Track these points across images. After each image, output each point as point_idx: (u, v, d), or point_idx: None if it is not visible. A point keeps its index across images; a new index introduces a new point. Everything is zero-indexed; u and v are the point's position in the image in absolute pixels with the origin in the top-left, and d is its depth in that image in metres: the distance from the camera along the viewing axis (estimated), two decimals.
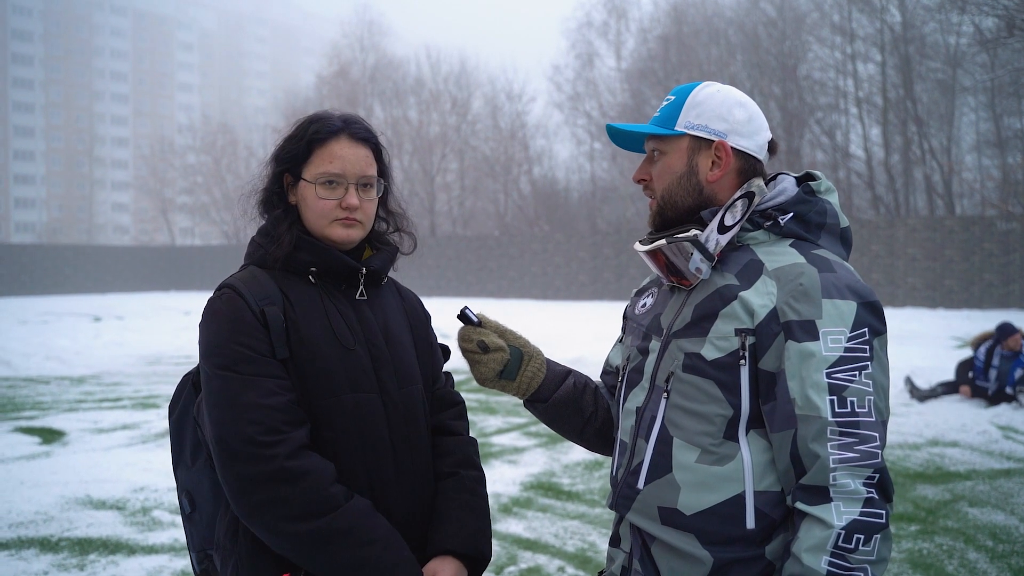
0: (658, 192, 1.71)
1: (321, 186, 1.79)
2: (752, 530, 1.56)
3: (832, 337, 1.51)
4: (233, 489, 1.63)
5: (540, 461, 6.94)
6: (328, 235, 1.80)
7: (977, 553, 4.78)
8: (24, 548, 4.84)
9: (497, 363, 1.84)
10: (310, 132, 1.81)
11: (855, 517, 1.46)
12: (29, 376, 12.22)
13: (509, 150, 41.26)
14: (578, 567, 4.56)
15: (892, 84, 29.24)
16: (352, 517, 1.65)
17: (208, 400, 1.68)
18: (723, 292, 1.62)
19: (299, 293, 1.78)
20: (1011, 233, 22.30)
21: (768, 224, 1.65)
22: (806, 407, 1.51)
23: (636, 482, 1.67)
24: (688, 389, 1.61)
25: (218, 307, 1.73)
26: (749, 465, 1.57)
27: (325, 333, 1.75)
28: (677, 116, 1.69)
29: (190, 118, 71.88)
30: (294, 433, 1.66)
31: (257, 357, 1.68)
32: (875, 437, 1.50)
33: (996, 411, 8.95)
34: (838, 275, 1.57)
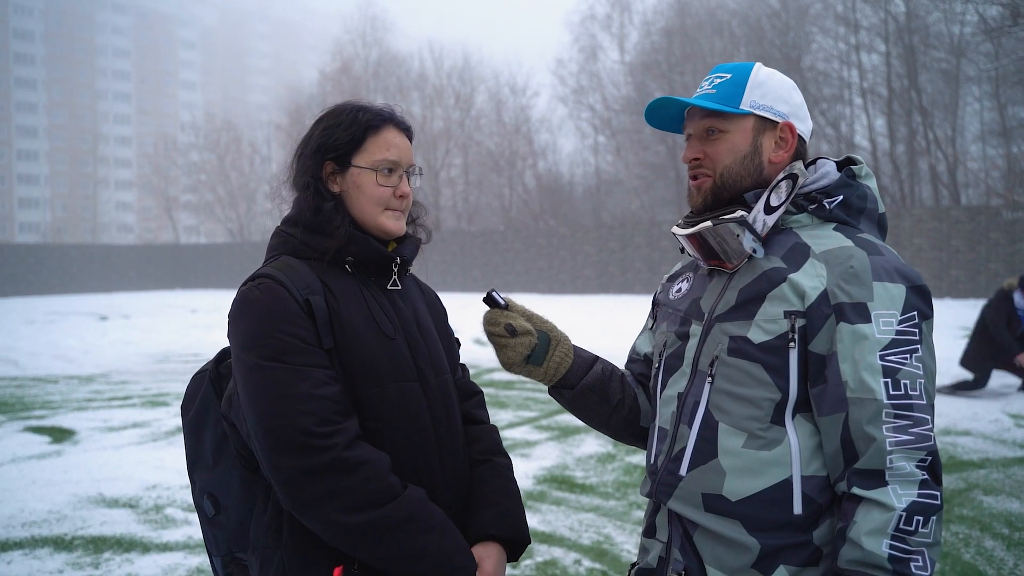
0: (718, 170, 1.67)
1: (381, 173, 1.78)
2: (799, 515, 1.54)
3: (884, 320, 1.51)
4: (285, 482, 1.59)
5: (552, 454, 6.93)
6: (381, 225, 1.79)
7: (993, 541, 4.76)
8: (38, 547, 4.84)
9: (525, 347, 1.80)
10: (363, 119, 1.79)
11: (914, 499, 1.45)
12: (37, 376, 12.23)
13: (513, 144, 41.22)
14: (594, 559, 4.55)
15: (896, 74, 29.14)
16: (411, 506, 1.64)
17: (253, 393, 1.63)
18: (770, 275, 1.60)
19: (338, 283, 1.75)
20: (1017, 222, 22.21)
21: (812, 207, 1.64)
22: (859, 390, 1.49)
23: (678, 469, 1.64)
24: (734, 373, 1.59)
25: (256, 296, 1.68)
26: (796, 450, 1.55)
27: (367, 322, 1.74)
28: (741, 94, 1.66)
29: (193, 116, 71.94)
30: (348, 423, 1.64)
31: (306, 347, 1.64)
32: (927, 420, 1.49)
33: (1008, 398, 8.92)
34: (886, 258, 1.56)
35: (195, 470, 1.88)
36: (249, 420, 1.64)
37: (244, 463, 1.79)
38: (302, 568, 1.67)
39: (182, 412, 1.88)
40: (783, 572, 1.54)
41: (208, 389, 1.84)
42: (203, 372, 1.87)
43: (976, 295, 22.66)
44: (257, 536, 1.75)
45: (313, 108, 47.26)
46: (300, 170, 1.83)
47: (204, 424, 1.84)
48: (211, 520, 1.86)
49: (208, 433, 1.84)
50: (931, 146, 28.62)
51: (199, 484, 1.87)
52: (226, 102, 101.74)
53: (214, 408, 1.82)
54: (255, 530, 1.77)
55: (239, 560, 1.86)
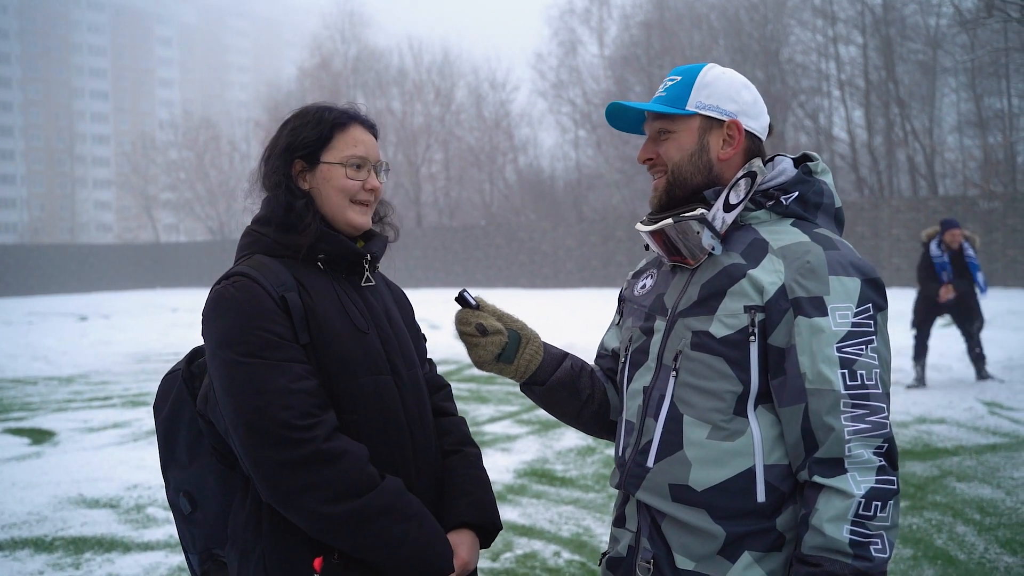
0: (668, 168, 1.73)
1: (350, 167, 1.83)
2: (763, 503, 1.60)
3: (840, 313, 1.56)
4: (266, 475, 1.63)
5: (533, 448, 6.97)
6: (348, 219, 1.83)
7: (965, 526, 4.85)
8: (18, 549, 4.83)
9: (495, 346, 1.85)
10: (330, 118, 1.84)
11: (872, 485, 1.50)
12: (16, 377, 12.15)
13: (494, 139, 41.21)
14: (574, 551, 4.59)
15: (874, 66, 29.35)
16: (389, 495, 1.68)
17: (231, 389, 1.65)
18: (730, 271, 1.65)
19: (312, 280, 1.79)
20: (993, 212, 22.45)
21: (770, 204, 1.70)
22: (817, 381, 1.54)
23: (646, 460, 1.69)
24: (697, 367, 1.64)
25: (231, 294, 1.71)
26: (759, 440, 1.60)
27: (341, 318, 1.78)
28: (687, 96, 1.71)
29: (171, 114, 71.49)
30: (326, 416, 1.68)
31: (283, 343, 1.68)
32: (883, 408, 1.55)
33: (982, 386, 9.05)
34: (842, 253, 1.62)
35: (169, 469, 1.89)
36: (228, 416, 1.67)
37: (221, 460, 1.81)
38: (283, 560, 1.70)
39: (154, 412, 1.90)
40: (747, 558, 1.60)
41: (181, 388, 1.85)
42: (175, 371, 1.89)
43: None
44: (236, 531, 1.78)
45: (292, 104, 46.45)
46: (269, 171, 1.86)
47: (178, 423, 1.86)
48: (187, 518, 1.87)
49: (182, 432, 1.85)
50: (908, 137, 28.86)
51: (173, 483, 1.88)
52: (205, 99, 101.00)
53: (188, 407, 1.84)
54: (233, 525, 1.79)
55: (216, 556, 1.88)
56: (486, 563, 4.43)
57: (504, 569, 4.36)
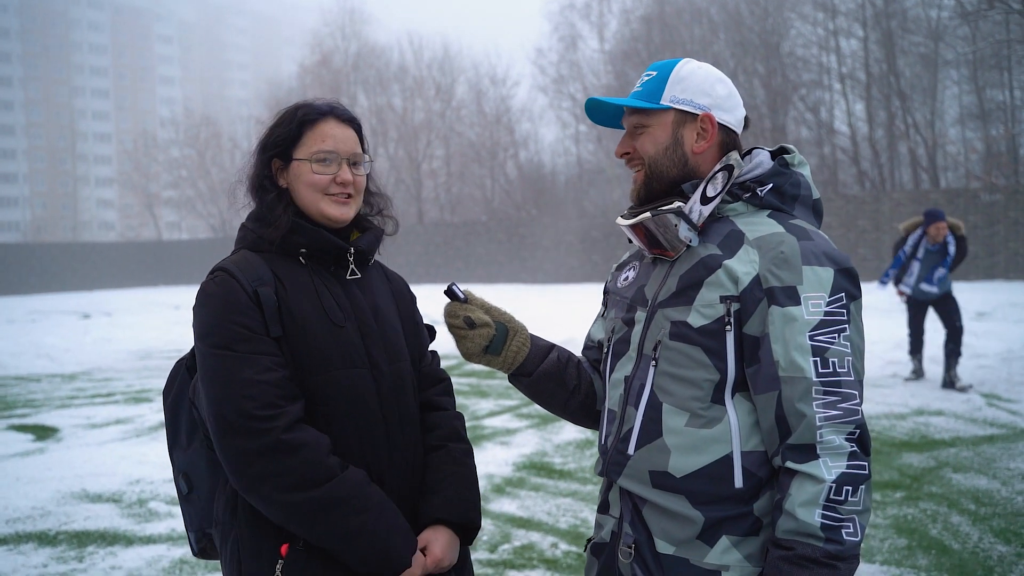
0: (645, 161, 1.76)
1: (316, 163, 1.85)
2: (740, 489, 1.63)
3: (813, 302, 1.59)
4: (231, 463, 1.69)
5: (532, 442, 7.02)
6: (323, 211, 1.86)
7: (960, 516, 4.88)
8: (22, 543, 4.88)
9: (483, 338, 1.89)
10: (299, 115, 1.88)
11: (843, 471, 1.54)
12: (20, 375, 12.21)
13: (494, 135, 41.19)
14: (571, 543, 4.64)
15: (875, 59, 29.31)
16: (348, 486, 1.71)
17: (204, 379, 1.74)
18: (707, 261, 1.68)
19: (290, 274, 1.83)
20: (995, 204, 22.45)
21: (747, 196, 1.73)
22: (790, 369, 1.58)
23: (627, 448, 1.73)
24: (676, 356, 1.68)
25: (212, 289, 1.78)
26: (736, 427, 1.64)
27: (316, 311, 1.81)
28: (662, 91, 1.75)
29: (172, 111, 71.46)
30: (290, 407, 1.71)
31: (252, 336, 1.73)
32: (855, 395, 1.58)
33: (981, 378, 9.07)
34: (816, 243, 1.65)
35: (173, 450, 1.98)
36: (204, 404, 1.75)
37: (210, 445, 1.87)
38: (254, 544, 1.75)
39: (163, 397, 1.99)
40: (725, 542, 1.63)
41: (184, 375, 1.94)
42: (182, 360, 1.97)
43: (955, 277, 22.83)
44: (218, 513, 1.86)
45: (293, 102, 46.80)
46: (251, 169, 1.93)
47: (180, 408, 1.95)
48: (185, 498, 1.96)
49: (183, 416, 1.94)
50: (910, 130, 28.83)
51: (176, 464, 1.97)
52: (205, 97, 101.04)
53: (188, 393, 1.93)
54: (216, 507, 1.87)
55: (209, 535, 1.96)
56: (484, 554, 4.48)
57: (502, 560, 4.40)
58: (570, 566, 4.31)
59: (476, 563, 4.35)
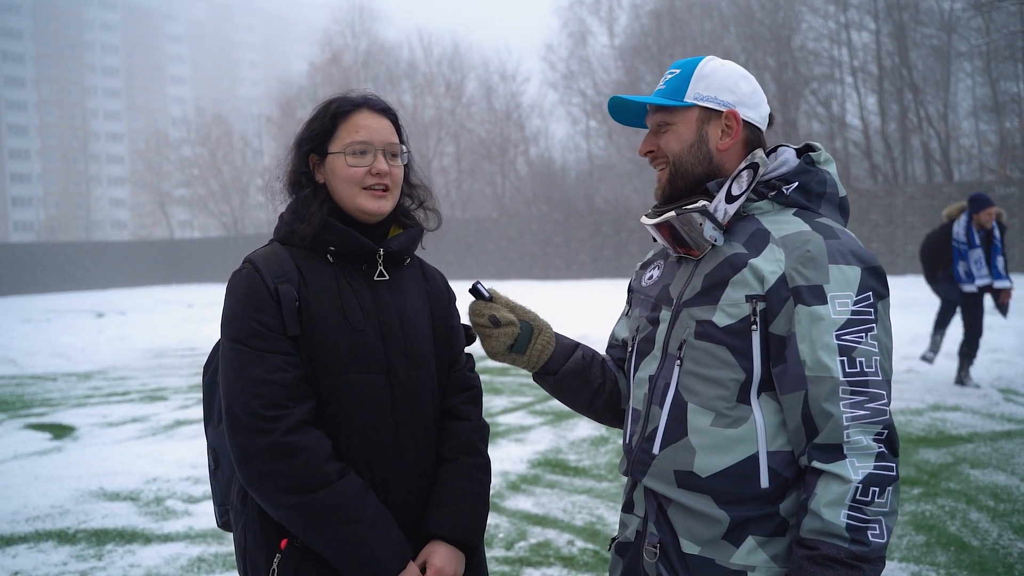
0: (670, 159, 1.75)
1: (351, 155, 1.83)
2: (766, 489, 1.63)
3: (839, 301, 1.58)
4: (236, 457, 1.73)
5: (547, 439, 7.02)
6: (359, 205, 1.84)
7: (979, 513, 4.86)
8: (42, 541, 4.91)
9: (508, 337, 1.89)
10: (332, 108, 1.87)
11: (870, 471, 1.52)
12: (36, 374, 12.29)
13: (505, 131, 41.20)
14: (587, 540, 4.64)
15: (887, 52, 29.14)
16: (342, 495, 1.70)
17: (221, 370, 1.78)
18: (732, 260, 1.67)
19: (315, 272, 1.82)
20: (1009, 198, 22.29)
21: (772, 194, 1.72)
22: (817, 368, 1.57)
23: (651, 447, 1.73)
24: (701, 355, 1.67)
25: (237, 281, 1.80)
26: (762, 427, 1.63)
27: (336, 312, 1.80)
28: (686, 88, 1.74)
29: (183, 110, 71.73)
30: (296, 409, 1.72)
31: (268, 333, 1.74)
32: (883, 395, 1.56)
33: (998, 373, 9.01)
34: (842, 241, 1.63)
35: (207, 426, 2.03)
36: (220, 395, 1.80)
37: None
38: (260, 534, 1.79)
39: (203, 372, 2.04)
40: (751, 542, 1.63)
41: None
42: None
43: None
44: (233, 496, 1.90)
45: (303, 100, 47.10)
46: (289, 164, 1.92)
47: (215, 386, 1.97)
48: (213, 473, 2.02)
49: (217, 395, 1.96)
50: (923, 123, 28.66)
51: (209, 439, 2.02)
52: (216, 96, 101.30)
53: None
54: (233, 490, 1.91)
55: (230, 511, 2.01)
56: (500, 552, 4.48)
57: (519, 557, 4.40)
58: (587, 563, 4.31)
59: (492, 560, 4.35)
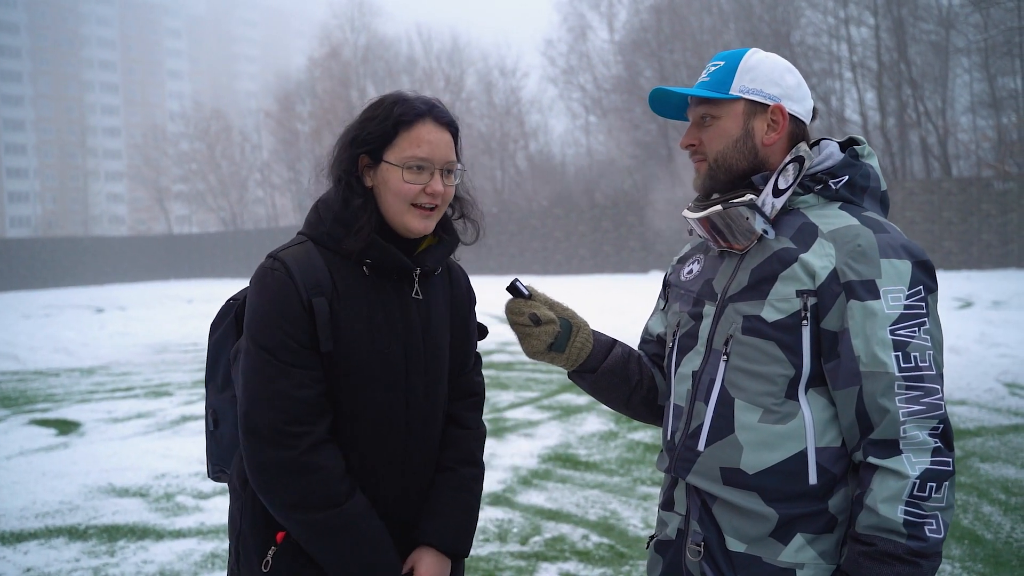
0: (711, 156, 1.72)
1: (408, 170, 1.75)
2: (815, 486, 1.61)
3: (892, 295, 1.57)
4: (249, 463, 1.72)
5: (556, 433, 7.02)
6: (405, 223, 1.78)
7: (991, 506, 4.87)
8: (53, 537, 4.90)
9: (548, 336, 1.85)
10: (396, 114, 1.77)
11: (927, 466, 1.51)
12: (38, 369, 12.27)
13: (504, 126, 41.16)
14: (602, 534, 4.64)
15: (886, 47, 29.15)
16: (349, 517, 1.72)
17: (244, 371, 1.74)
18: (781, 255, 1.65)
19: (349, 284, 1.77)
20: (1008, 193, 22.34)
21: (818, 188, 1.69)
22: (872, 364, 1.55)
23: (696, 444, 1.70)
24: (748, 351, 1.65)
25: (269, 283, 1.74)
26: (811, 423, 1.61)
27: (366, 331, 1.76)
28: (731, 81, 1.71)
29: (182, 105, 71.59)
30: (317, 426, 1.71)
31: (297, 348, 1.71)
32: (937, 389, 1.55)
33: (1004, 368, 9.03)
34: (891, 236, 1.62)
35: (208, 385, 2.01)
36: (237, 392, 1.78)
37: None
38: (255, 520, 1.79)
39: (210, 331, 1.99)
40: (800, 539, 1.61)
41: (232, 321, 1.93)
42: (234, 301, 1.95)
43: (968, 266, 22.80)
44: (233, 475, 1.90)
45: (302, 94, 47.06)
46: (336, 160, 1.82)
47: (222, 350, 1.95)
48: (211, 433, 2.01)
49: (223, 360, 1.95)
50: (921, 118, 28.68)
51: (208, 399, 2.01)
52: (214, 90, 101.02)
53: (231, 342, 1.92)
54: (234, 466, 1.90)
55: (224, 471, 2.03)
56: (515, 547, 4.48)
57: (534, 552, 4.40)
58: (602, 558, 4.31)
59: (508, 555, 4.36)
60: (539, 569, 4.18)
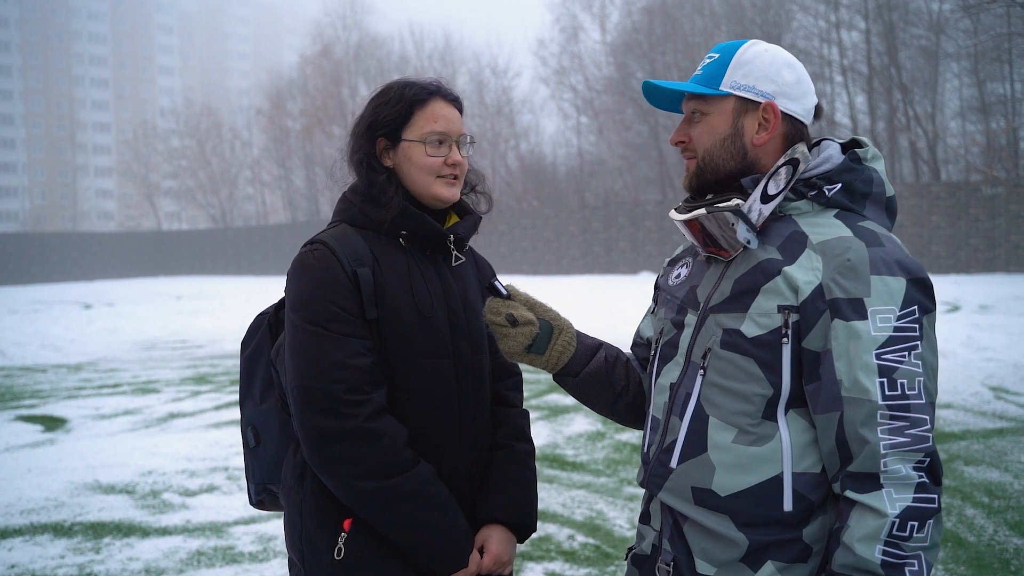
0: (699, 154, 1.63)
1: (430, 145, 1.85)
2: (789, 512, 1.51)
3: (881, 316, 1.45)
4: (311, 440, 1.71)
5: (543, 433, 7.03)
6: (434, 192, 1.86)
7: (974, 509, 4.90)
8: (38, 534, 4.89)
9: (525, 337, 1.76)
10: (409, 95, 1.87)
11: (908, 504, 1.41)
12: (25, 365, 12.22)
13: (496, 126, 41.14)
14: (587, 535, 4.65)
15: (876, 51, 29.28)
16: (418, 481, 1.73)
17: (294, 351, 1.74)
18: (765, 266, 1.54)
19: (389, 256, 1.83)
20: (996, 198, 22.45)
21: (812, 193, 1.58)
22: (854, 389, 1.45)
23: (669, 460, 1.61)
24: (726, 367, 1.55)
25: (310, 262, 1.78)
26: (788, 446, 1.51)
27: (408, 298, 1.81)
28: (722, 75, 1.61)
29: (172, 101, 71.35)
30: (375, 394, 1.73)
31: (348, 317, 1.74)
32: (925, 420, 1.44)
33: (989, 372, 9.09)
34: (887, 249, 1.50)
35: (245, 403, 2.01)
36: (288, 375, 1.76)
37: (284, 407, 1.90)
38: (318, 513, 1.78)
39: (241, 348, 2.01)
40: (771, 567, 1.53)
41: (265, 331, 1.96)
42: (264, 314, 1.99)
43: (956, 270, 22.93)
44: (285, 478, 1.89)
45: (293, 92, 46.93)
46: (354, 148, 1.90)
47: (258, 363, 1.97)
48: (252, 450, 1.99)
49: (260, 371, 1.96)
50: (911, 123, 28.82)
51: (246, 416, 2.00)
52: (205, 87, 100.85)
53: (267, 351, 1.95)
54: (285, 470, 1.90)
55: (270, 489, 2.01)
56: None
57: (520, 552, 4.41)
58: (588, 558, 4.33)
59: None
60: (525, 569, 4.20)
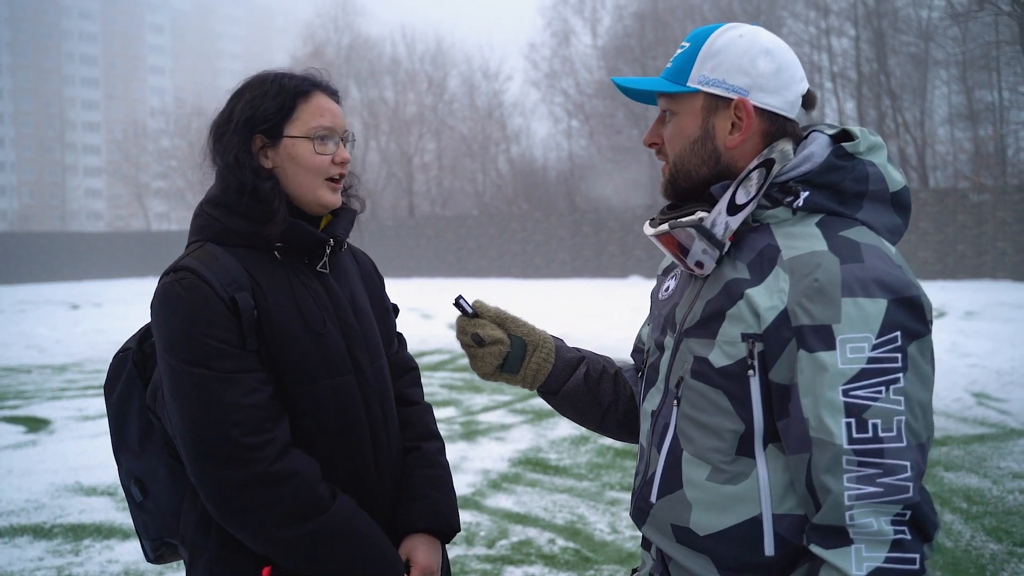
0: (670, 158, 1.46)
1: (318, 141, 1.67)
2: (771, 557, 1.34)
3: (852, 345, 1.24)
4: (213, 493, 1.54)
5: (527, 437, 7.04)
6: (319, 197, 1.68)
7: (952, 515, 4.93)
8: (17, 535, 4.87)
9: (495, 356, 1.64)
10: (291, 86, 1.68)
11: (878, 565, 1.22)
12: (9, 365, 12.15)
13: (486, 129, 41.16)
14: (568, 539, 4.66)
15: (866, 58, 29.45)
16: (340, 520, 1.60)
17: (177, 398, 1.55)
18: (731, 288, 1.36)
19: (266, 274, 1.65)
20: (983, 205, 22.59)
21: (788, 200, 1.36)
22: (819, 430, 1.26)
23: (649, 495, 1.48)
24: (697, 398, 1.40)
25: (178, 293, 1.57)
26: (766, 485, 1.34)
27: (296, 317, 1.64)
28: (690, 69, 1.41)
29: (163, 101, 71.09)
30: (277, 431, 1.58)
31: (232, 351, 1.56)
32: (904, 467, 1.23)
33: (971, 378, 9.14)
34: (864, 265, 1.27)
35: (120, 453, 1.80)
36: (175, 424, 1.58)
37: (171, 453, 1.73)
38: (230, 567, 1.63)
39: (105, 393, 1.79)
40: None
41: (132, 372, 1.76)
42: (126, 351, 1.78)
43: (944, 276, 23.04)
44: (186, 530, 1.71)
45: None
46: (225, 148, 1.68)
47: (128, 408, 1.76)
48: (139, 505, 1.79)
49: (132, 418, 1.76)
50: (900, 129, 28.96)
51: (125, 468, 1.80)
52: (196, 87, 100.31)
53: (138, 393, 1.75)
54: (184, 523, 1.71)
55: (168, 543, 1.82)
56: (482, 550, 4.50)
57: (500, 556, 4.42)
58: (568, 562, 4.33)
59: (474, 558, 4.37)
60: (504, 572, 4.20)
